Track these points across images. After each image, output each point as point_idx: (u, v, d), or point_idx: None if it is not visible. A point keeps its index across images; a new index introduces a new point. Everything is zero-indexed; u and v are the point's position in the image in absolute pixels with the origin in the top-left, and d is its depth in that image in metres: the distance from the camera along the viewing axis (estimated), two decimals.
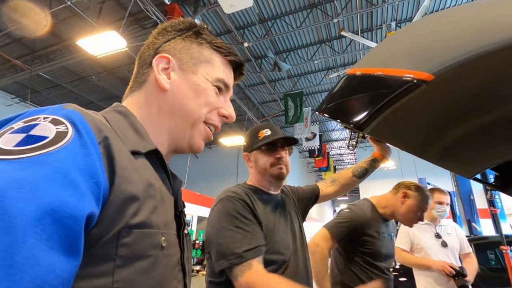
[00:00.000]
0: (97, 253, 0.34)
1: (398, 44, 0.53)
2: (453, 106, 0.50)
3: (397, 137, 0.59)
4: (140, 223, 0.38)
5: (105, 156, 0.37)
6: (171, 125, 0.53)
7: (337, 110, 0.58)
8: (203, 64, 0.56)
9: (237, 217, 0.98)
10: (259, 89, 11.02)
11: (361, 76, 0.54)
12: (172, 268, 0.44)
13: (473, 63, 0.39)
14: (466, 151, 0.61)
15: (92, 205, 0.32)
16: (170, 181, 0.51)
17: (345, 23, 7.67)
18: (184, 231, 0.51)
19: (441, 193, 2.16)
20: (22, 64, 8.43)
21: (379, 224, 1.62)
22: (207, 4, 6.74)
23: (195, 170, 15.67)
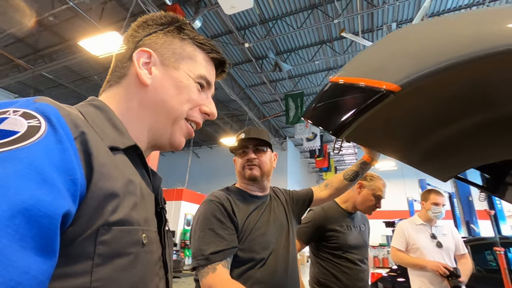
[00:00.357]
0: (75, 252, 0.33)
1: (375, 55, 0.56)
2: (424, 115, 0.54)
3: (374, 141, 0.62)
4: (120, 220, 0.37)
5: (82, 152, 0.35)
6: (151, 121, 0.52)
7: (317, 116, 0.61)
8: (186, 60, 0.55)
9: (212, 220, 1.03)
10: (260, 89, 11.06)
11: (340, 85, 0.58)
12: (153, 265, 0.44)
13: (434, 76, 0.42)
14: (440, 156, 0.64)
15: (68, 203, 0.31)
16: (150, 178, 0.50)
17: (345, 24, 7.69)
18: (165, 228, 0.51)
19: (437, 194, 2.19)
20: (25, 63, 8.50)
21: (343, 218, 1.72)
22: (208, 5, 6.78)
23: (196, 169, 15.73)
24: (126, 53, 0.53)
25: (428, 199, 2.19)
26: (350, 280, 1.60)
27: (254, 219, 1.11)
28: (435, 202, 2.15)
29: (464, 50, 0.38)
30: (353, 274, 1.62)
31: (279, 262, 1.08)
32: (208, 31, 8.09)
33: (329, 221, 1.69)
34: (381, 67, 0.51)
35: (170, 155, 17.88)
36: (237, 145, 1.20)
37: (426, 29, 0.48)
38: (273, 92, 10.87)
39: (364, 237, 1.79)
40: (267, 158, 1.21)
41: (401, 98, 0.48)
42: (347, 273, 1.60)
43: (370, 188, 1.72)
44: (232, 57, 9.27)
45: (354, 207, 1.78)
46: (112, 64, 0.56)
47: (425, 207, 2.21)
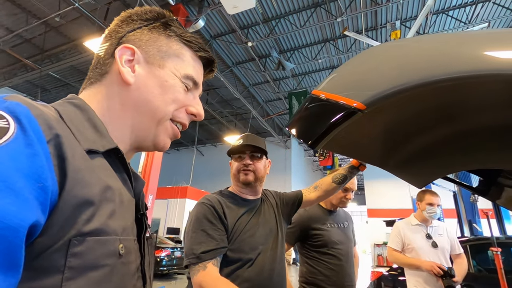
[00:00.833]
0: (43, 265, 0.31)
1: (350, 72, 0.60)
2: (392, 129, 0.58)
3: (350, 152, 0.67)
4: (95, 230, 0.35)
5: (55, 156, 0.33)
6: (134, 122, 0.49)
7: (297, 128, 0.66)
8: (172, 58, 0.52)
9: (203, 221, 1.10)
10: (264, 87, 11.08)
11: (316, 99, 0.62)
12: (130, 276, 0.41)
13: (393, 97, 0.46)
14: (413, 165, 0.68)
15: (36, 214, 0.29)
16: (132, 182, 0.47)
17: (349, 22, 7.66)
18: (145, 235, 0.48)
19: (432, 194, 2.21)
20: (33, 63, 8.67)
21: (325, 217, 1.81)
22: (211, 5, 6.82)
23: (200, 167, 15.86)
24: (108, 49, 0.50)
25: (423, 200, 2.21)
26: (337, 276, 1.66)
27: (244, 221, 1.17)
28: (429, 202, 2.17)
29: (416, 75, 0.42)
30: (339, 270, 1.68)
31: (267, 262, 1.14)
32: (212, 30, 8.13)
33: (312, 221, 1.76)
34: (352, 85, 0.55)
35: (174, 153, 18.03)
36: (235, 150, 1.27)
37: (391, 50, 0.52)
38: (277, 91, 10.89)
39: (348, 233, 1.86)
40: (261, 165, 1.27)
41: (369, 115, 0.53)
42: (334, 270, 1.67)
43: None
44: (236, 56, 9.31)
45: (330, 203, 1.86)
46: (93, 60, 0.52)
47: (420, 207, 2.23)
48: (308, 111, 0.62)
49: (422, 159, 0.67)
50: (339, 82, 0.59)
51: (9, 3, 7.15)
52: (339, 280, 1.66)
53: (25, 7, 7.33)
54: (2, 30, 7.94)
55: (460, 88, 0.40)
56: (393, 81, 0.45)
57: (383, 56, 0.51)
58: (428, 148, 0.62)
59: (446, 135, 0.59)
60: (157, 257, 8.25)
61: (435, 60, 0.41)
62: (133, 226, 0.45)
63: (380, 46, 0.55)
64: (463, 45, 0.40)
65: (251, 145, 1.24)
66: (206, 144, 17.00)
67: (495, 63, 0.37)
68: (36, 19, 7.44)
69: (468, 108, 0.48)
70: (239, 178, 1.24)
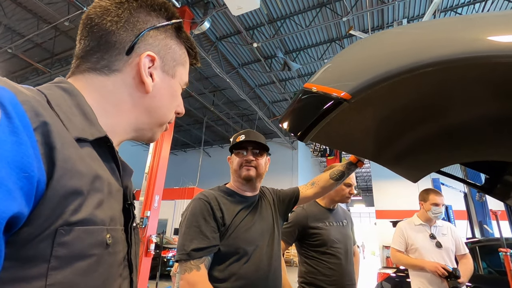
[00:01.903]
0: (28, 254, 0.30)
1: (338, 63, 0.60)
2: (382, 121, 0.57)
3: (341, 145, 0.66)
4: (83, 219, 0.34)
5: (43, 144, 0.32)
6: (138, 121, 0.50)
7: (288, 121, 0.65)
8: (179, 67, 0.54)
9: (198, 217, 1.09)
10: (270, 88, 11.08)
11: (308, 91, 0.62)
12: (117, 266, 0.41)
13: (378, 85, 0.45)
14: (407, 158, 0.67)
15: (19, 204, 0.28)
16: (120, 171, 0.47)
17: (355, 21, 7.60)
18: (132, 225, 0.48)
19: (436, 194, 2.16)
20: (43, 67, 8.87)
21: (323, 215, 1.78)
22: (217, 6, 6.86)
23: (207, 168, 15.92)
24: (122, 40, 0.46)
25: (428, 200, 2.17)
26: (337, 275, 1.64)
27: (240, 218, 1.16)
28: (434, 202, 2.13)
29: (396, 62, 0.41)
30: (339, 269, 1.65)
31: (263, 259, 1.13)
32: (217, 32, 8.19)
33: (310, 220, 1.74)
34: (340, 76, 0.55)
35: (182, 154, 18.17)
36: (238, 145, 1.27)
37: (374, 41, 0.51)
38: (283, 91, 10.87)
39: (347, 231, 1.83)
40: (262, 161, 1.27)
41: (357, 106, 0.52)
42: (333, 269, 1.64)
43: None
44: (241, 57, 9.34)
45: (331, 201, 1.83)
46: (86, 41, 0.47)
47: (425, 208, 2.19)
48: (298, 104, 0.62)
49: (415, 153, 0.66)
50: (329, 73, 0.59)
51: (20, 9, 7.35)
52: (339, 280, 1.64)
53: (36, 12, 7.52)
54: (14, 35, 8.16)
55: (437, 75, 0.39)
56: (375, 70, 0.45)
57: (369, 45, 0.51)
58: (420, 141, 0.61)
59: (436, 128, 0.58)
60: (164, 257, 8.32)
61: (416, 47, 0.40)
62: (121, 216, 0.45)
63: (369, 37, 0.55)
64: (444, 29, 0.40)
65: (254, 141, 1.24)
66: (213, 145, 17.07)
67: (479, 45, 0.36)
68: (47, 24, 7.63)
69: (451, 99, 0.47)
70: (241, 173, 1.23)
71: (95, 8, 0.48)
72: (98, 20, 0.47)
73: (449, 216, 8.88)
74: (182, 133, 15.48)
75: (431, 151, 0.64)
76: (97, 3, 0.48)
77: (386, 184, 16.08)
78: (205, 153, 16.84)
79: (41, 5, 6.80)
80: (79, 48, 0.48)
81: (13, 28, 8.00)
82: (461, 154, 0.63)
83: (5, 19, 7.57)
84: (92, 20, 0.47)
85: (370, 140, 0.65)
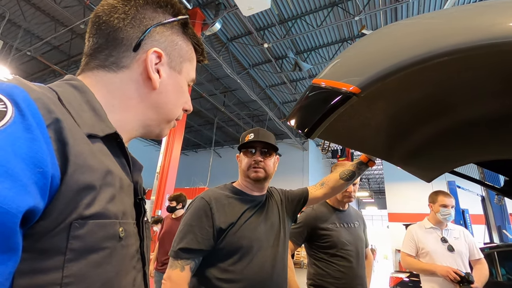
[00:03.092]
0: (45, 247, 0.31)
1: (348, 58, 0.58)
2: (393, 118, 0.54)
3: (350, 142, 0.63)
4: (96, 213, 0.35)
5: (56, 141, 0.32)
6: (146, 118, 0.51)
7: (295, 118, 0.64)
8: (186, 63, 0.54)
9: (195, 217, 1.09)
10: (280, 89, 11.04)
11: (317, 87, 0.60)
12: (130, 258, 0.42)
13: (388, 78, 0.43)
14: (421, 157, 0.64)
15: (35, 199, 0.29)
16: (130, 167, 0.48)
17: (367, 20, 7.48)
18: (144, 219, 0.49)
19: (445, 195, 2.08)
20: (60, 69, 9.15)
21: (334, 216, 1.73)
22: (228, 7, 6.90)
23: (218, 169, 16.00)
24: (129, 37, 0.47)
25: (436, 201, 2.10)
26: (347, 278, 1.59)
27: (245, 217, 1.14)
28: (443, 204, 2.05)
29: (410, 52, 0.39)
30: (349, 272, 1.60)
31: (266, 260, 1.11)
32: (228, 32, 8.22)
33: (320, 221, 1.69)
34: (349, 70, 0.53)
35: (192, 154, 18.33)
36: (246, 144, 1.25)
37: (384, 33, 0.49)
38: (294, 92, 10.81)
39: (359, 233, 1.77)
40: (271, 162, 1.26)
41: (367, 101, 0.50)
42: (343, 272, 1.60)
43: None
44: (252, 57, 9.35)
45: (336, 201, 1.79)
46: (94, 38, 0.48)
47: (434, 210, 2.11)
48: (306, 100, 0.60)
49: (428, 150, 0.63)
50: (338, 68, 0.57)
51: (39, 13, 7.60)
52: (349, 283, 1.59)
53: (54, 16, 7.76)
54: (33, 38, 8.45)
55: (452, 65, 0.37)
56: (386, 62, 0.43)
57: (378, 38, 0.48)
58: (434, 138, 0.58)
59: (451, 123, 0.55)
60: None
61: (429, 36, 0.38)
62: (132, 210, 0.46)
63: (379, 29, 0.52)
64: (459, 16, 0.37)
65: (262, 141, 1.22)
66: (224, 146, 17.14)
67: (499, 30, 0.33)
68: (63, 27, 7.86)
69: (467, 90, 0.44)
70: (249, 174, 1.22)
71: (103, 6, 0.49)
72: (106, 18, 0.47)
73: (466, 220, 8.58)
74: (193, 134, 15.62)
75: (446, 148, 0.61)
76: (105, 1, 0.49)
77: (399, 186, 15.72)
78: (216, 153, 16.93)
79: (58, 8, 7.01)
80: (88, 46, 0.49)
81: (32, 32, 8.28)
82: (480, 151, 0.60)
83: (24, 22, 7.85)
84: (100, 18, 0.48)
85: (380, 137, 0.63)
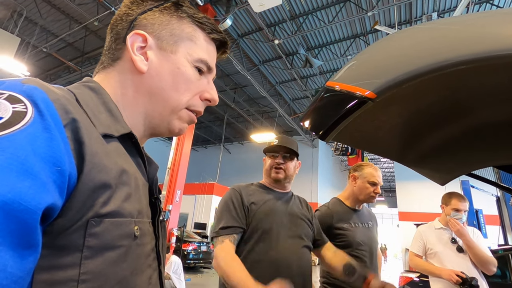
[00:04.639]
0: (63, 244, 0.32)
1: (363, 61, 0.58)
2: (409, 120, 0.55)
3: (364, 144, 0.64)
4: (111, 212, 0.36)
5: (73, 140, 0.33)
6: (147, 109, 0.49)
7: (310, 120, 0.65)
8: (185, 42, 0.50)
9: (229, 204, 1.27)
10: (291, 85, 10.98)
11: (331, 90, 0.61)
12: (145, 257, 0.43)
13: (404, 84, 0.44)
14: (436, 159, 0.64)
15: (53, 196, 0.30)
16: (146, 167, 0.48)
17: (381, 15, 7.33)
18: (159, 218, 0.49)
19: (459, 199, 2.03)
20: (75, 65, 9.35)
21: (349, 216, 1.73)
22: (239, 3, 6.88)
23: (227, 165, 16.11)
24: (119, 33, 0.49)
25: (449, 204, 2.06)
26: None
27: (269, 203, 1.31)
28: (456, 208, 2.01)
29: (427, 60, 0.40)
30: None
31: (289, 247, 1.22)
32: (239, 29, 8.22)
33: (336, 219, 1.70)
34: (365, 74, 0.53)
35: (202, 150, 18.50)
36: (270, 149, 1.43)
37: (401, 37, 0.49)
38: (304, 89, 10.74)
39: (373, 233, 1.77)
40: (292, 165, 1.41)
41: (382, 105, 0.51)
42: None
43: (362, 177, 1.75)
44: (263, 54, 9.32)
45: (356, 201, 1.78)
46: (106, 44, 0.51)
47: (446, 212, 2.08)
48: (320, 102, 0.61)
49: (443, 154, 0.63)
50: (353, 71, 0.57)
51: (54, 10, 7.77)
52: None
53: (68, 13, 7.93)
54: (49, 35, 8.65)
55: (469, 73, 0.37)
56: (402, 68, 0.43)
57: (395, 42, 0.49)
58: (448, 141, 0.58)
59: (466, 127, 0.55)
60: (184, 250, 8.54)
61: (448, 44, 0.38)
62: (148, 210, 0.46)
63: (396, 33, 0.53)
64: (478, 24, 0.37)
65: (285, 146, 1.38)
66: (233, 142, 17.22)
67: None
68: (78, 24, 8.02)
69: (482, 97, 0.44)
70: (271, 174, 1.39)
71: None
72: (113, 20, 0.51)
73: (479, 221, 8.39)
74: (203, 130, 15.75)
75: (461, 152, 0.61)
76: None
77: (410, 185, 15.48)
78: (225, 149, 17.04)
79: (73, 6, 7.15)
80: (103, 49, 0.52)
81: (48, 29, 8.48)
82: (496, 156, 0.59)
83: (41, 20, 8.05)
84: (112, 22, 0.51)
85: (394, 139, 0.63)
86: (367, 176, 1.73)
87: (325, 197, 16.24)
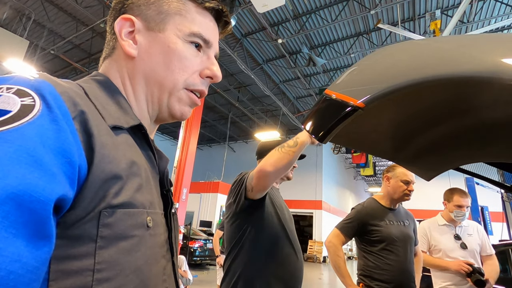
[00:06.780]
0: (77, 234, 0.32)
1: (356, 72, 0.67)
2: (397, 126, 0.63)
3: (357, 145, 0.73)
4: (124, 202, 0.36)
5: (82, 132, 0.34)
6: (146, 94, 0.48)
7: (310, 124, 0.74)
8: (173, 18, 0.48)
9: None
10: (294, 84, 11.05)
11: (325, 98, 0.70)
12: (159, 247, 0.43)
13: (388, 95, 0.52)
14: (421, 158, 0.73)
15: (64, 187, 0.30)
16: (156, 159, 0.48)
17: (384, 13, 7.35)
18: (171, 211, 0.50)
19: (461, 195, 2.08)
20: (81, 67, 9.52)
21: (384, 214, 1.82)
22: (242, 4, 6.96)
23: (232, 163, 16.24)
24: (111, 23, 0.49)
25: (451, 200, 2.10)
26: (395, 271, 1.68)
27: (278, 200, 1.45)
28: (458, 204, 2.05)
29: (402, 77, 0.48)
30: (397, 266, 1.69)
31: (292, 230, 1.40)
32: (242, 28, 8.29)
33: (371, 217, 1.79)
34: (356, 84, 0.62)
35: (207, 149, 18.66)
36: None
37: (390, 53, 0.58)
38: (308, 87, 10.79)
39: (409, 231, 1.82)
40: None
41: (373, 112, 0.59)
42: (391, 265, 1.69)
43: (395, 176, 1.84)
44: (266, 53, 9.39)
45: (391, 200, 1.86)
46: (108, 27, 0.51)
47: (448, 208, 2.12)
48: (319, 108, 0.70)
49: (428, 153, 0.71)
50: (347, 82, 0.66)
51: (61, 13, 7.94)
52: (397, 276, 1.68)
53: (75, 16, 8.08)
54: (56, 38, 8.83)
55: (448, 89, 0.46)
56: (383, 83, 0.52)
57: (384, 56, 0.57)
58: (431, 143, 0.67)
59: (450, 131, 0.63)
60: (191, 247, 8.69)
61: (411, 67, 0.47)
62: (160, 201, 0.46)
63: (388, 47, 0.61)
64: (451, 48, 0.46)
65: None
66: (238, 140, 17.35)
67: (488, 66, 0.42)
68: (84, 26, 8.17)
69: (442, 111, 0.53)
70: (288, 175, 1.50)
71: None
72: (109, 13, 0.52)
73: (485, 218, 8.39)
74: (207, 129, 15.89)
75: (442, 152, 0.69)
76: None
77: (416, 183, 15.42)
78: (230, 148, 17.16)
79: (80, 8, 7.29)
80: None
81: (55, 31, 8.66)
82: (473, 155, 0.68)
83: (48, 22, 8.22)
84: (109, 14, 0.53)
85: (386, 141, 0.72)
86: (399, 175, 1.82)
87: (329, 194, 16.27)
